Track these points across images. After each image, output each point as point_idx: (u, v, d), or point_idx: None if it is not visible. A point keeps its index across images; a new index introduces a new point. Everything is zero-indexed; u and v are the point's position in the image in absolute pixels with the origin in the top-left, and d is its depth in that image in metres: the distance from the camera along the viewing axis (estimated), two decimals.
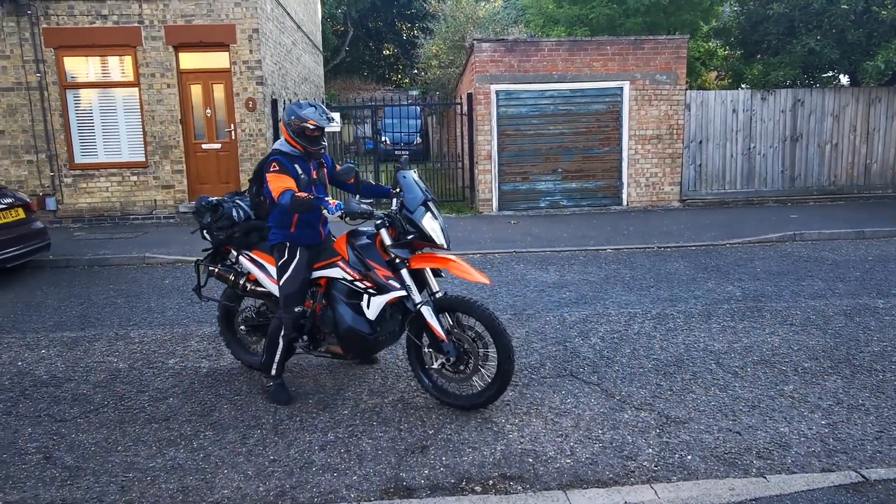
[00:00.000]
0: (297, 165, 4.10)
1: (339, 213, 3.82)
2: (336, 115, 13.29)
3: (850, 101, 12.86)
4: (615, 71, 12.08)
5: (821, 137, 12.87)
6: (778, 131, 12.82)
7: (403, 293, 3.90)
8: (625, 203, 12.58)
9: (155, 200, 12.16)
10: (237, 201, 4.52)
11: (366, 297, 3.97)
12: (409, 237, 3.87)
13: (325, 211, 3.93)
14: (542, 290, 6.86)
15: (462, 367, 3.91)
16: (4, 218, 7.90)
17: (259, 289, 4.46)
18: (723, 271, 7.51)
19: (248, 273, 4.47)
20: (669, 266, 7.89)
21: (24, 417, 4.06)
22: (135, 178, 12.10)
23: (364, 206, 3.84)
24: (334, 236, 4.34)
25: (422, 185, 3.99)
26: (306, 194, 3.97)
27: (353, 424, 3.86)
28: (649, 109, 12.26)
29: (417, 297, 3.92)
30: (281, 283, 4.09)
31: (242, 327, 4.68)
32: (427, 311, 3.87)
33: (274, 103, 12.48)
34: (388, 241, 3.94)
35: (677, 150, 12.46)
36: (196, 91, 12.09)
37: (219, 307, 4.79)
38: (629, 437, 3.62)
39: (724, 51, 16.48)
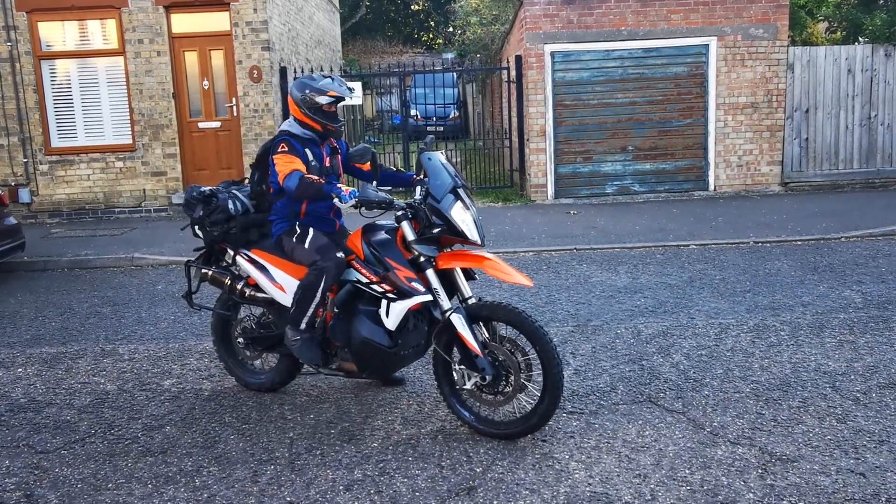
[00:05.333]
0: (308, 150, 4.19)
1: (352, 201, 3.87)
2: (356, 86, 13.41)
3: None
4: (699, 24, 11.90)
5: None
6: None
7: (428, 298, 3.92)
8: (712, 187, 12.39)
9: (144, 190, 12.45)
10: (234, 191, 4.62)
11: (384, 302, 3.99)
12: (436, 231, 3.89)
13: (336, 200, 3.99)
14: (611, 295, 6.80)
15: (502, 386, 3.92)
16: None
17: (259, 295, 4.52)
18: (838, 272, 7.33)
19: (248, 276, 4.55)
20: (770, 266, 7.73)
21: (0, 448, 4.21)
22: (120, 163, 12.41)
23: (382, 195, 3.88)
24: (348, 231, 4.40)
25: (451, 168, 4.02)
26: (316, 178, 4.05)
27: (385, 460, 3.88)
28: (742, 71, 12.04)
29: (446, 304, 3.93)
30: (306, 247, 4.19)
31: (240, 339, 4.76)
32: (458, 320, 3.88)
33: (283, 72, 12.65)
34: (410, 236, 3.96)
35: (777, 121, 12.21)
36: (191, 60, 12.33)
37: (213, 316, 4.87)
38: (724, 478, 3.56)
39: None
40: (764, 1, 11.88)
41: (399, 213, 3.97)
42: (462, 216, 3.88)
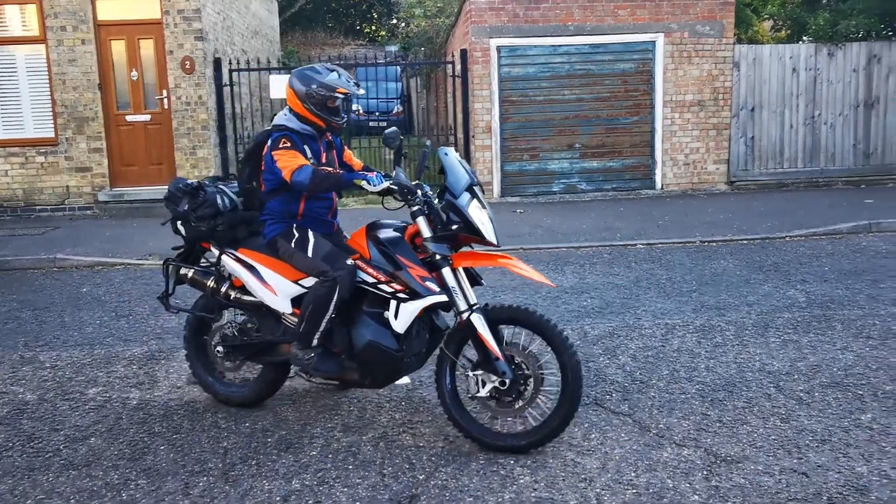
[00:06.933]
0: (306, 146, 4.11)
1: (384, 184, 3.83)
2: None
3: None
4: (646, 20, 12.14)
5: None
6: (848, 95, 12.93)
7: (444, 298, 3.87)
8: (659, 186, 12.64)
9: (67, 187, 12.11)
10: (220, 187, 4.50)
11: (393, 303, 3.93)
12: (455, 228, 3.87)
13: (364, 183, 3.86)
14: (557, 296, 6.88)
15: (518, 394, 3.88)
16: None
17: (245, 297, 4.37)
18: (782, 271, 7.56)
19: (233, 277, 4.40)
20: (716, 265, 7.93)
21: None
22: (41, 158, 12.04)
23: (412, 183, 3.89)
24: (346, 235, 4.34)
25: (466, 165, 4.03)
26: (332, 169, 3.99)
27: (324, 469, 3.85)
28: (689, 69, 12.33)
29: (463, 304, 3.89)
30: (310, 255, 4.07)
31: (220, 348, 4.51)
32: (478, 321, 3.84)
33: (217, 63, 12.45)
34: (427, 234, 3.90)
35: (724, 119, 12.54)
36: (118, 49, 12.04)
37: (188, 321, 4.68)
38: (669, 480, 3.64)
39: None
40: None
41: (415, 208, 3.91)
42: (479, 215, 3.88)
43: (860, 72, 12.88)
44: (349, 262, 4.00)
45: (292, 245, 4.13)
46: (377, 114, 23.70)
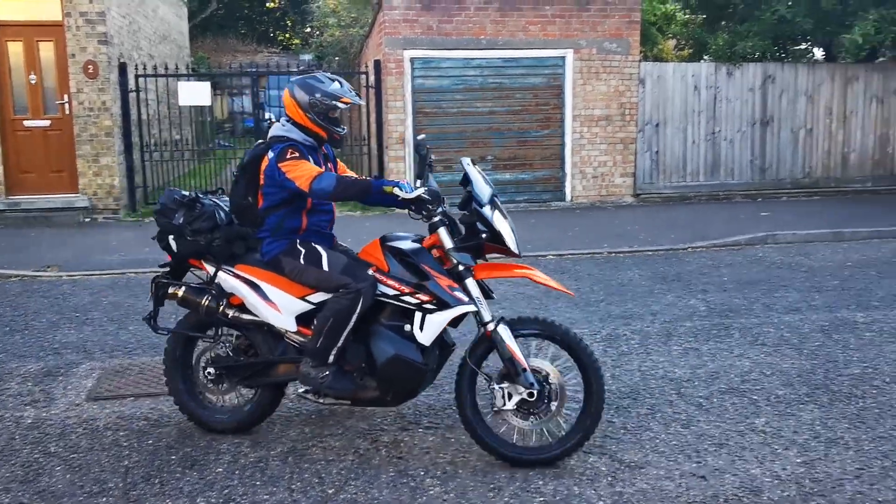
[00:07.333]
0: (310, 157, 3.98)
1: (418, 192, 3.76)
2: (205, 86, 13.01)
3: (825, 78, 13.73)
4: (556, 37, 12.41)
5: (794, 121, 13.69)
6: (746, 113, 13.54)
7: (473, 308, 3.84)
8: (569, 198, 12.92)
9: None
10: (214, 200, 4.29)
11: (418, 315, 3.85)
12: (483, 237, 3.86)
13: (397, 190, 3.78)
14: None
15: (544, 406, 3.88)
16: None
17: (245, 316, 4.16)
18: (685, 281, 7.84)
19: (230, 296, 4.18)
20: (622, 275, 8.16)
21: None
22: None
23: (439, 191, 3.89)
24: (346, 247, 4.25)
25: (485, 176, 4.04)
26: (355, 175, 3.93)
27: (231, 485, 3.77)
28: (597, 84, 12.66)
29: (488, 315, 3.87)
30: (325, 269, 3.93)
31: (211, 370, 4.26)
32: (505, 332, 3.83)
33: (122, 68, 12.07)
34: (449, 244, 3.88)
35: (630, 134, 12.93)
36: (15, 51, 11.50)
37: (170, 341, 4.33)
38: (576, 487, 3.71)
39: (685, 15, 17.23)
40: (617, 17, 12.56)
41: (436, 218, 3.88)
42: (503, 225, 3.87)
43: (756, 91, 13.52)
44: (370, 272, 3.92)
45: (301, 261, 3.98)
46: None
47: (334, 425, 4.42)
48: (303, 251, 4.00)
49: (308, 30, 28.87)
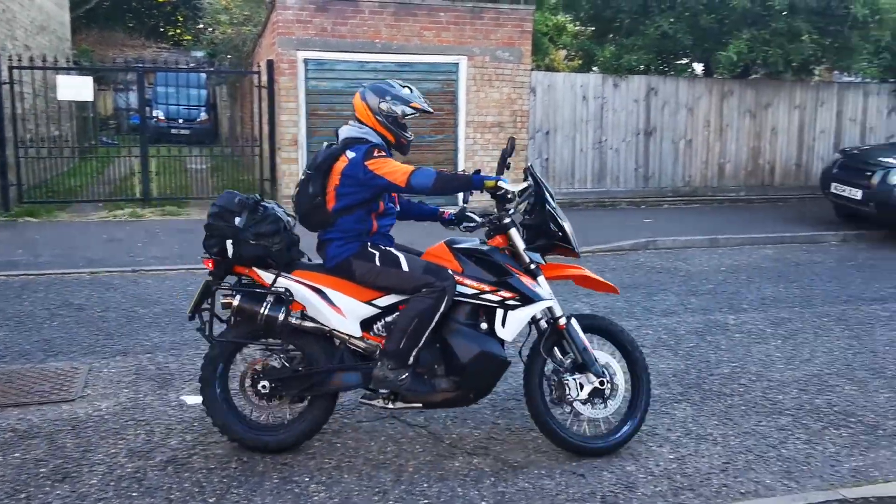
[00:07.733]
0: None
1: (522, 185, 4.02)
2: (88, 80, 12.47)
3: (703, 92, 14.47)
4: (450, 43, 12.54)
5: (675, 132, 14.34)
6: (631, 123, 14.08)
7: (553, 303, 4.07)
8: (461, 203, 13.02)
9: None
10: (275, 204, 4.14)
11: (500, 312, 3.98)
12: (561, 236, 4.11)
13: (501, 184, 3.99)
14: None
15: (608, 396, 4.14)
16: None
17: (307, 324, 3.98)
18: (570, 286, 8.03)
19: (291, 303, 3.94)
20: None
21: None
22: None
23: None
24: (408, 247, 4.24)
25: (544, 179, 4.23)
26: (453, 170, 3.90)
27: (105, 498, 3.63)
28: (489, 91, 12.87)
29: (559, 310, 4.10)
30: (406, 269, 3.92)
31: (263, 384, 3.99)
32: (577, 325, 4.11)
33: None
34: (521, 245, 4.07)
35: (521, 141, 13.19)
36: None
37: (209, 359, 4.04)
38: (460, 488, 3.78)
39: (575, 27, 17.78)
40: (510, 26, 12.81)
41: (508, 220, 4.10)
42: (568, 226, 4.12)
43: (640, 102, 14.08)
44: (450, 271, 3.96)
45: (377, 263, 3.94)
46: (180, 121, 22.75)
47: (217, 433, 4.31)
48: (377, 253, 3.99)
49: (200, 26, 28.06)
